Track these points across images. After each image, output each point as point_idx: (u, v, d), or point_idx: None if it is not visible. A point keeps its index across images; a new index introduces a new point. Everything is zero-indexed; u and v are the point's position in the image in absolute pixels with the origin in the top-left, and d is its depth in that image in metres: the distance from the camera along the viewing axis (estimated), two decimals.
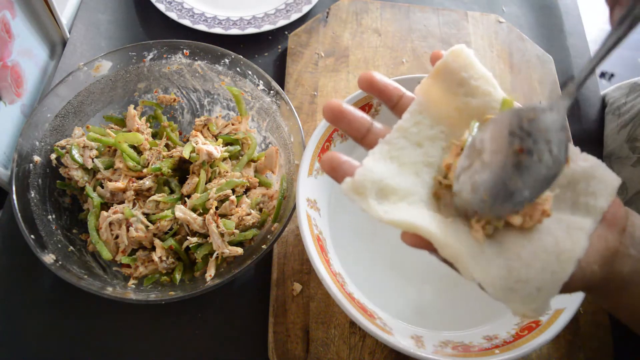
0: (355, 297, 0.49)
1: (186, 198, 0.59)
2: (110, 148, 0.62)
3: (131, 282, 0.56)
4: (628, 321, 0.41)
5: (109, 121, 0.65)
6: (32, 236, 0.51)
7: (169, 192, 0.60)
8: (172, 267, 0.57)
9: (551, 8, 0.92)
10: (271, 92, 0.63)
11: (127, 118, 0.64)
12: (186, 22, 0.78)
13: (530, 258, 0.31)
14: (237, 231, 0.57)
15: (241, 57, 0.64)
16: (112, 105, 0.65)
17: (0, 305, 0.58)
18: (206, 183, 0.60)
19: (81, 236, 0.59)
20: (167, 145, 0.64)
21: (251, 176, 0.63)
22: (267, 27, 0.79)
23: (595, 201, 0.35)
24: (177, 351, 0.56)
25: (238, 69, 0.64)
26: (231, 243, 0.57)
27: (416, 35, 0.81)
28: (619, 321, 0.40)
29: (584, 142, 0.74)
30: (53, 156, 0.59)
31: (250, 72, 0.64)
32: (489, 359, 0.46)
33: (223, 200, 0.59)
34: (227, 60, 0.64)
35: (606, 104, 0.78)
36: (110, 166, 0.60)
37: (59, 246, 0.54)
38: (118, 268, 0.57)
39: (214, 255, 0.55)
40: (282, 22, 0.79)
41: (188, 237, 0.57)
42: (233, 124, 0.66)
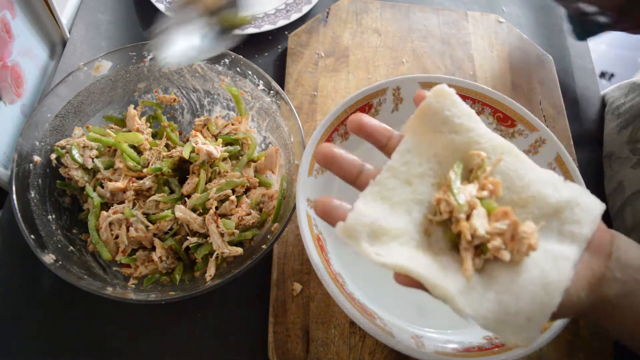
0: (355, 297, 0.49)
1: (186, 198, 0.59)
2: (110, 148, 0.62)
3: (131, 282, 0.56)
4: (622, 341, 0.41)
5: (109, 121, 0.65)
6: (32, 236, 0.51)
7: (169, 192, 0.60)
8: (172, 267, 0.57)
9: (551, 8, 0.92)
10: (271, 92, 0.63)
11: (127, 118, 0.64)
12: None
13: (519, 290, 0.33)
14: (237, 231, 0.57)
15: (241, 57, 0.64)
16: (112, 105, 0.65)
17: (0, 305, 0.58)
18: (206, 183, 0.60)
19: (81, 236, 0.59)
20: (167, 145, 0.64)
21: (251, 176, 0.63)
22: (267, 27, 0.79)
23: (579, 229, 0.36)
24: (177, 351, 0.56)
25: (238, 69, 0.64)
26: (231, 243, 0.57)
27: (416, 35, 0.81)
28: None
29: (584, 142, 0.74)
30: (53, 156, 0.59)
31: (250, 72, 0.64)
32: (489, 359, 0.46)
33: (223, 200, 0.59)
34: (227, 60, 0.64)
35: (606, 104, 0.78)
36: (110, 166, 0.60)
37: (59, 246, 0.54)
38: (118, 268, 0.57)
39: (214, 255, 0.55)
40: (282, 22, 0.79)
41: (188, 237, 0.57)
42: (233, 124, 0.66)
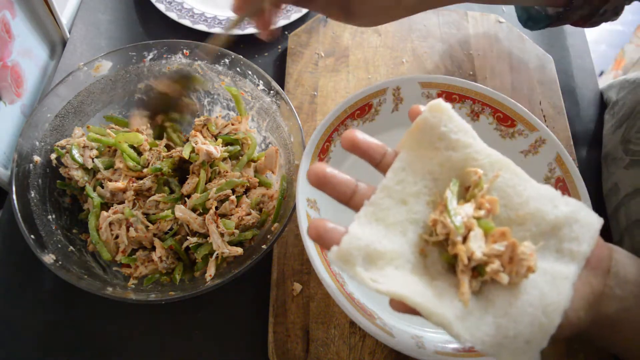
0: (355, 297, 0.49)
1: (186, 198, 0.59)
2: (110, 148, 0.62)
3: (131, 282, 0.56)
4: (622, 357, 0.41)
5: (109, 121, 0.65)
6: (32, 236, 0.51)
7: (169, 192, 0.60)
8: (172, 267, 0.57)
9: None
10: (271, 92, 0.63)
11: (132, 118, 0.64)
12: (186, 22, 0.79)
13: (517, 314, 0.32)
14: (237, 231, 0.57)
15: (241, 57, 0.64)
16: (112, 105, 0.65)
17: (0, 305, 0.58)
18: (206, 183, 0.60)
19: (81, 236, 0.59)
20: (168, 145, 0.64)
21: (251, 176, 0.63)
22: None
23: (578, 246, 0.35)
24: (177, 351, 0.56)
25: (238, 69, 0.64)
26: (231, 243, 0.57)
27: (416, 35, 0.81)
28: None
29: (584, 142, 0.74)
30: (53, 156, 0.59)
31: (250, 72, 0.64)
32: (489, 359, 0.46)
33: (223, 200, 0.59)
34: (227, 60, 0.64)
35: (605, 103, 0.78)
36: (110, 166, 0.60)
37: (59, 246, 0.54)
38: (118, 268, 0.57)
39: (214, 255, 0.55)
40: (282, 22, 0.79)
41: (188, 237, 0.57)
42: (233, 124, 0.66)
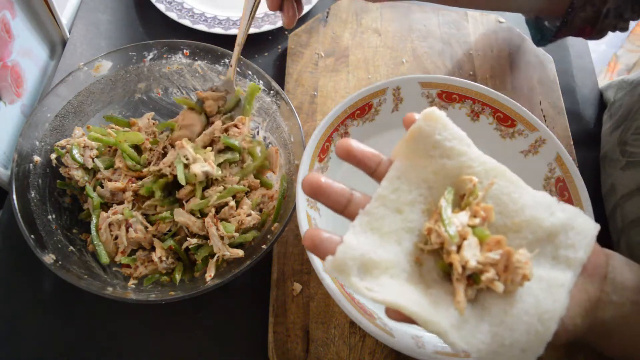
0: (355, 297, 0.49)
1: (184, 202, 0.59)
2: (110, 148, 0.62)
3: (131, 282, 0.56)
4: None
5: (109, 121, 0.65)
6: (32, 236, 0.51)
7: (167, 194, 0.60)
8: (172, 267, 0.57)
9: None
10: (271, 92, 0.63)
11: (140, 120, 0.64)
12: (186, 22, 0.79)
13: (513, 322, 0.32)
14: (237, 234, 0.57)
15: (241, 57, 0.63)
16: (112, 105, 0.65)
17: (0, 305, 0.58)
18: (204, 189, 0.59)
19: (81, 236, 0.59)
20: (173, 145, 0.63)
21: (252, 179, 0.63)
22: (267, 27, 0.79)
23: (574, 253, 0.36)
24: (177, 351, 0.56)
25: (238, 69, 0.64)
26: (231, 244, 0.57)
27: (416, 35, 0.81)
28: None
29: (584, 142, 0.74)
30: (53, 156, 0.59)
31: (250, 72, 0.64)
32: None
33: (222, 205, 0.58)
34: (227, 60, 0.64)
35: (605, 103, 0.78)
36: (110, 166, 0.60)
37: (59, 246, 0.54)
38: (118, 268, 0.57)
39: (215, 257, 0.55)
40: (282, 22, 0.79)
41: (188, 238, 0.57)
42: (237, 126, 0.63)
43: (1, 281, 0.59)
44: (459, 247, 0.34)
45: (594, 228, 0.37)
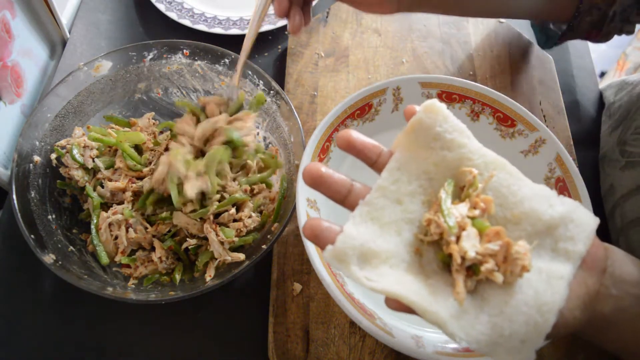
0: (355, 297, 0.49)
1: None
2: (110, 148, 0.62)
3: (131, 282, 0.56)
4: (620, 356, 0.41)
5: (109, 121, 0.65)
6: (32, 236, 0.51)
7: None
8: (172, 268, 0.57)
9: None
10: (271, 92, 0.63)
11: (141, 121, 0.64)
12: (186, 22, 0.79)
13: (512, 313, 0.33)
14: (237, 239, 0.57)
15: None
16: (112, 105, 0.65)
17: (0, 305, 0.58)
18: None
19: (81, 236, 0.59)
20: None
21: (258, 183, 0.62)
22: (267, 27, 0.79)
23: (573, 246, 0.36)
24: (177, 351, 0.56)
25: None
26: (232, 247, 0.57)
27: (416, 35, 0.81)
28: None
29: (584, 142, 0.74)
30: (53, 156, 0.59)
31: (250, 72, 0.64)
32: (489, 359, 0.45)
33: (222, 210, 0.57)
34: (227, 60, 0.64)
35: (604, 103, 0.78)
36: (111, 166, 0.60)
37: (59, 246, 0.54)
38: (118, 268, 0.57)
39: (216, 261, 0.55)
40: (282, 22, 0.79)
41: (187, 239, 0.57)
42: (241, 119, 0.58)
43: (1, 281, 0.59)
44: (458, 238, 0.34)
45: (594, 221, 0.37)
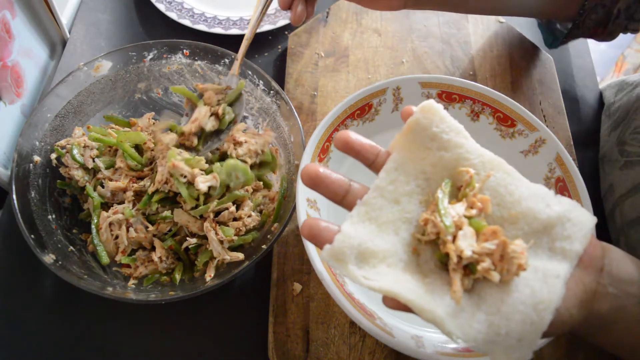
0: (355, 297, 0.49)
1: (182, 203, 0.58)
2: (110, 148, 0.62)
3: (131, 282, 0.56)
4: (617, 354, 0.41)
5: (109, 121, 0.65)
6: (32, 236, 0.51)
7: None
8: (172, 267, 0.57)
9: None
10: (271, 92, 0.63)
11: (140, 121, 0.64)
12: (186, 22, 0.79)
13: (509, 311, 0.33)
14: (236, 237, 0.57)
15: None
16: (112, 105, 0.65)
17: (0, 305, 0.58)
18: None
19: (81, 236, 0.59)
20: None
21: (255, 181, 0.62)
22: (267, 27, 0.79)
23: (570, 245, 0.36)
24: (177, 351, 0.56)
25: None
26: (231, 247, 0.57)
27: (416, 35, 0.81)
28: None
29: (584, 142, 0.74)
30: (53, 156, 0.59)
31: (250, 72, 0.64)
32: (489, 359, 0.45)
33: (222, 208, 0.58)
34: (227, 60, 0.64)
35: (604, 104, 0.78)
36: (111, 166, 0.60)
37: (59, 246, 0.54)
38: (118, 268, 0.57)
39: (215, 261, 0.55)
40: (282, 22, 0.79)
41: (188, 238, 0.57)
42: (260, 134, 0.61)
43: (1, 281, 0.59)
44: (455, 237, 0.34)
45: (591, 220, 0.37)
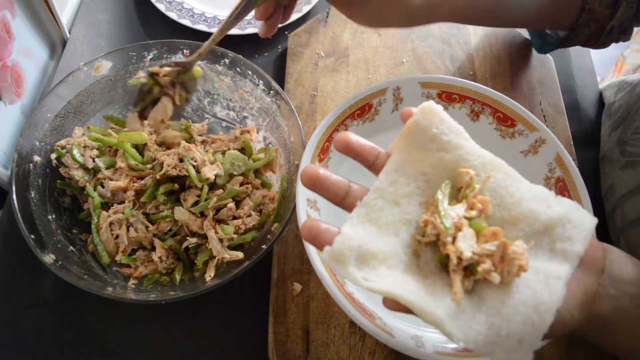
0: (355, 297, 0.49)
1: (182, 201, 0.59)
2: (111, 148, 0.62)
3: (131, 282, 0.56)
4: (618, 355, 0.41)
5: (109, 121, 0.65)
6: (32, 236, 0.51)
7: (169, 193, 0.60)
8: (172, 267, 0.57)
9: None
10: (271, 92, 0.63)
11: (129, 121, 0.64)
12: (186, 22, 0.79)
13: (509, 312, 0.33)
14: (236, 236, 0.57)
15: (241, 57, 0.64)
16: (112, 105, 0.65)
17: (0, 305, 0.58)
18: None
19: (81, 236, 0.59)
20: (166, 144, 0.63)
21: (253, 178, 0.63)
22: None
23: (571, 246, 0.36)
24: (177, 351, 0.56)
25: (238, 69, 0.64)
26: (230, 246, 0.57)
27: (416, 35, 0.81)
28: None
29: (584, 142, 0.74)
30: (53, 156, 0.59)
31: (250, 72, 0.64)
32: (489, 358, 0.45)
33: (222, 206, 0.58)
34: (227, 60, 0.64)
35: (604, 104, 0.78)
36: (111, 166, 0.60)
37: (59, 246, 0.54)
38: (118, 268, 0.57)
39: (215, 260, 0.55)
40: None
41: (188, 238, 0.57)
42: (247, 132, 0.64)
43: (1, 281, 0.59)
44: (454, 239, 0.34)
45: (592, 221, 0.37)
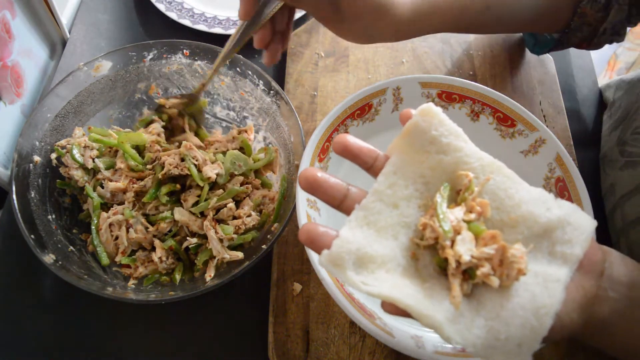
0: (355, 297, 0.49)
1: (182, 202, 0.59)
2: (111, 148, 0.62)
3: (131, 282, 0.56)
4: (616, 356, 0.41)
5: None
6: (32, 236, 0.51)
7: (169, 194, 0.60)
8: (172, 268, 0.57)
9: None
10: (271, 92, 0.63)
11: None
12: (186, 22, 0.79)
13: (508, 316, 0.32)
14: (236, 236, 0.57)
15: (241, 57, 0.64)
16: (112, 105, 0.65)
17: (0, 305, 0.58)
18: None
19: (81, 236, 0.59)
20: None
21: (253, 178, 0.63)
22: None
23: (571, 249, 0.36)
24: (177, 351, 0.56)
25: (238, 69, 0.64)
26: (230, 246, 0.57)
27: None
28: None
29: (584, 142, 0.74)
30: (53, 156, 0.59)
31: (250, 72, 0.64)
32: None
33: (222, 206, 0.58)
34: (227, 60, 0.64)
35: (605, 104, 0.78)
36: (111, 166, 0.60)
37: (59, 246, 0.54)
38: (118, 268, 0.57)
39: (215, 260, 0.55)
40: None
41: (188, 238, 0.57)
42: (245, 132, 0.65)
43: (1, 281, 0.59)
44: (453, 242, 0.34)
45: (591, 224, 0.37)
